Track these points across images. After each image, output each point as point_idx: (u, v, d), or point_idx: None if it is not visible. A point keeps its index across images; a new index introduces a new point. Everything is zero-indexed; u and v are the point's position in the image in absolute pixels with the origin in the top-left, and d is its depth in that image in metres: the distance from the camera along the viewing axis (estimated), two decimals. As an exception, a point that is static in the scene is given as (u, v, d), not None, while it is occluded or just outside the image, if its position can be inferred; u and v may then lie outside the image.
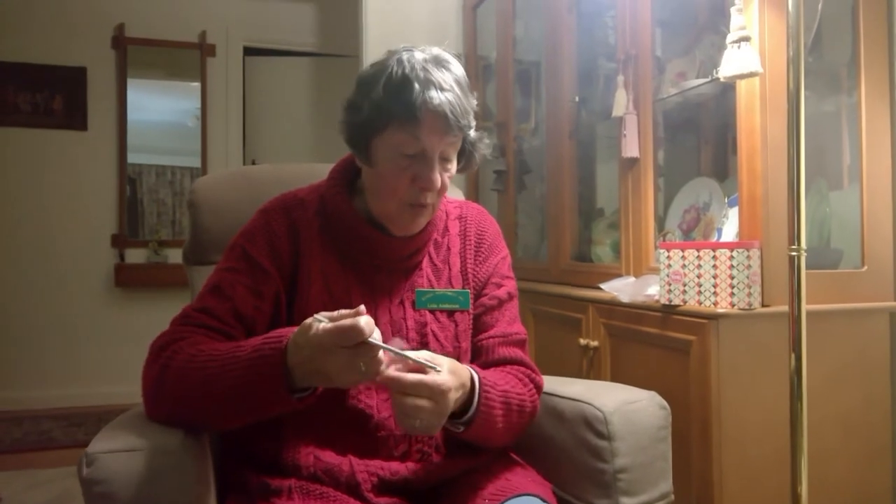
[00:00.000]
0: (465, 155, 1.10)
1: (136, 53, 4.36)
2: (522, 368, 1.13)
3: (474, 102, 1.05)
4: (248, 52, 4.61)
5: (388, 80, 1.00)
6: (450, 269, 1.15)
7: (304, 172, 1.43)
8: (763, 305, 1.38)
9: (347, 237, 1.10)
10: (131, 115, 4.35)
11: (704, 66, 1.78)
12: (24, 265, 4.14)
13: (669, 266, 1.48)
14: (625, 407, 1.13)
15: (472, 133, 1.06)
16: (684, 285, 1.45)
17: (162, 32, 4.38)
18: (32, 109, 4.21)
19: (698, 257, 1.42)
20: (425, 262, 1.14)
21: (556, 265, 2.23)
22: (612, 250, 2.15)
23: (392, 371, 0.86)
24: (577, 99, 2.21)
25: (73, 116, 4.25)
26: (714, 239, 1.77)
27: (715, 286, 1.38)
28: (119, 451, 0.87)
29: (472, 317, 1.15)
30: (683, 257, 1.45)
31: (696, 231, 1.88)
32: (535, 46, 2.76)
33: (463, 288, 1.14)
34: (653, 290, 1.58)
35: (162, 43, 4.40)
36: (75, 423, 3.75)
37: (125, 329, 4.17)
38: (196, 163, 4.49)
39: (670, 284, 1.48)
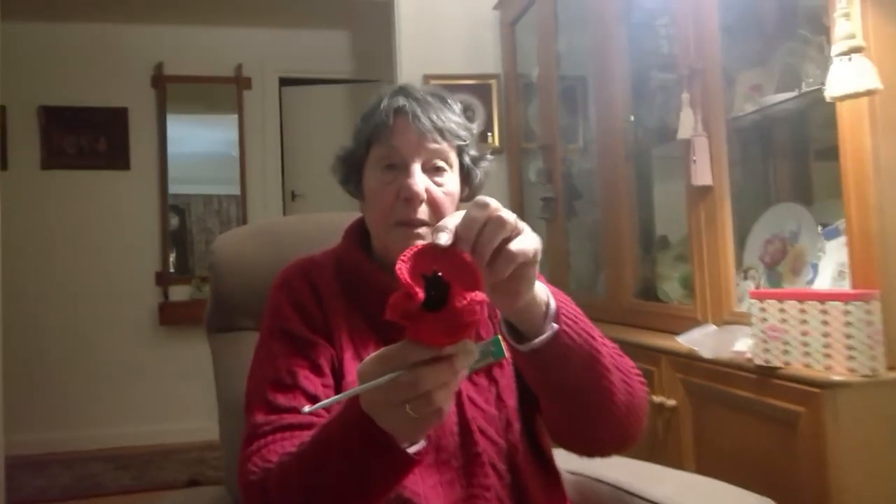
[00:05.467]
0: (466, 172, 1.01)
1: (174, 90, 4.35)
2: None
3: (470, 124, 1.00)
4: (284, 82, 4.56)
5: (366, 109, 1.00)
6: (477, 322, 0.97)
7: (333, 224, 1.23)
8: (889, 369, 1.13)
9: (369, 295, 0.97)
10: (174, 148, 4.33)
11: (785, 78, 1.54)
12: (70, 305, 4.12)
13: (764, 319, 1.24)
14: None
15: (470, 150, 1.00)
16: (785, 343, 1.21)
17: (199, 68, 4.36)
18: (78, 152, 4.21)
19: (802, 310, 1.18)
20: None
21: (616, 303, 2.00)
22: (680, 285, 1.91)
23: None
24: (632, 118, 1.99)
25: (117, 156, 4.25)
26: (808, 276, 1.53)
27: (827, 347, 1.14)
28: None
29: (513, 364, 0.95)
30: (782, 310, 1.21)
31: (783, 265, 1.64)
32: (580, 61, 2.57)
33: (494, 334, 0.95)
34: (742, 344, 1.35)
35: (199, 79, 4.38)
36: (122, 465, 3.73)
37: (170, 367, 4.12)
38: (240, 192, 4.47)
39: (766, 342, 1.24)
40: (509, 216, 0.64)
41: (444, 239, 0.61)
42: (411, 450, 0.71)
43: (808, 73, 1.45)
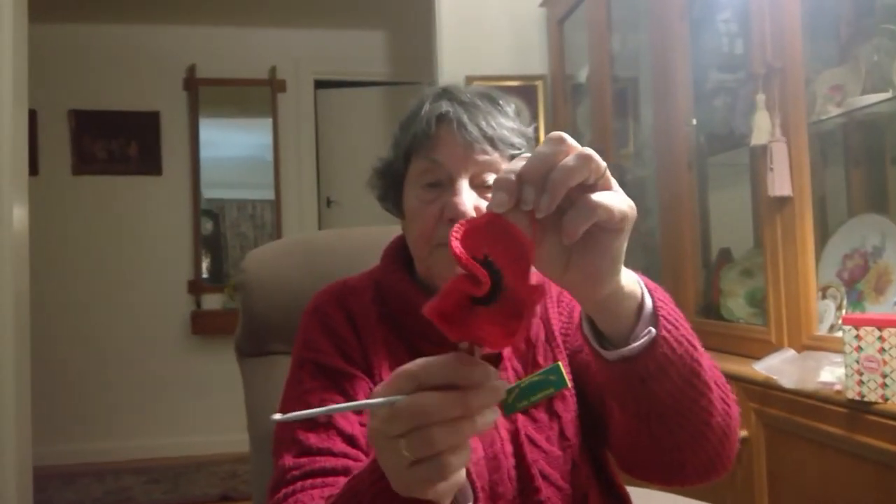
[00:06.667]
0: None
1: (207, 93, 4.27)
2: None
3: (526, 128, 0.87)
4: (319, 84, 4.46)
5: (405, 115, 0.89)
6: (535, 347, 0.85)
7: (372, 239, 1.13)
8: None
9: (412, 323, 0.86)
10: (207, 153, 4.26)
11: (871, 78, 1.40)
12: (101, 314, 4.07)
13: (860, 349, 1.10)
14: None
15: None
16: (884, 376, 1.07)
17: (232, 71, 4.28)
18: (109, 156, 4.15)
19: (906, 340, 1.05)
20: (506, 351, 0.85)
21: (676, 321, 1.87)
22: (747, 304, 1.78)
23: None
24: (694, 122, 1.86)
25: (149, 162, 4.18)
26: (894, 297, 1.39)
27: (938, 384, 1.00)
28: None
29: (575, 395, 0.83)
30: (882, 338, 1.07)
31: (864, 282, 1.50)
32: (633, 61, 2.44)
33: (555, 361, 0.83)
34: (829, 375, 1.21)
35: (232, 82, 4.29)
36: (154, 478, 3.66)
37: (203, 378, 4.06)
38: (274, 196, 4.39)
39: (862, 374, 1.10)
40: (596, 157, 0.49)
41: (501, 200, 0.47)
42: None
43: (901, 72, 1.31)
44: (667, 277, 1.95)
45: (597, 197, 0.49)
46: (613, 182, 0.51)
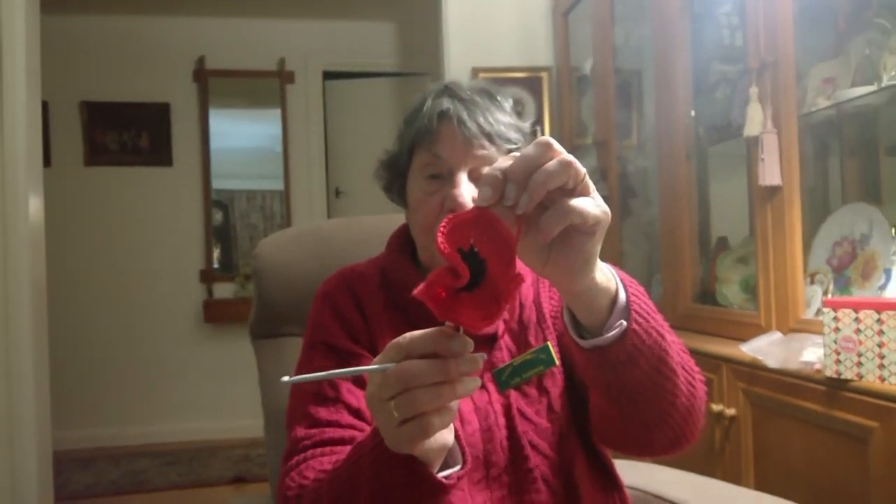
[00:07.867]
0: None
1: (216, 84, 4.30)
2: None
3: (522, 123, 0.92)
4: (328, 75, 4.49)
5: (409, 111, 0.94)
6: (527, 329, 0.91)
7: (379, 227, 1.19)
8: (978, 387, 1.05)
9: (416, 308, 0.88)
10: (217, 143, 4.29)
11: (862, 71, 1.45)
12: (115, 302, 4.13)
13: (838, 330, 1.16)
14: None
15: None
16: (859, 355, 1.14)
17: (241, 62, 4.31)
18: (120, 148, 4.19)
19: (879, 321, 1.10)
20: (502, 331, 0.92)
21: (673, 308, 1.93)
22: (741, 290, 1.83)
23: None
24: (693, 114, 1.91)
25: (160, 153, 4.22)
26: (879, 282, 1.45)
27: (908, 361, 1.06)
28: None
29: (563, 372, 0.89)
30: (858, 319, 1.13)
31: (852, 269, 1.55)
32: (636, 54, 2.49)
33: (545, 341, 0.88)
34: (811, 355, 1.27)
35: (242, 73, 4.33)
36: (170, 461, 3.74)
37: (215, 365, 4.12)
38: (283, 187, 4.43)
39: (839, 353, 1.17)
40: (576, 164, 0.54)
41: (486, 195, 0.53)
42: (446, 472, 0.66)
43: (887, 65, 1.36)
44: (665, 265, 2.01)
45: (573, 202, 0.54)
46: (592, 188, 0.57)
